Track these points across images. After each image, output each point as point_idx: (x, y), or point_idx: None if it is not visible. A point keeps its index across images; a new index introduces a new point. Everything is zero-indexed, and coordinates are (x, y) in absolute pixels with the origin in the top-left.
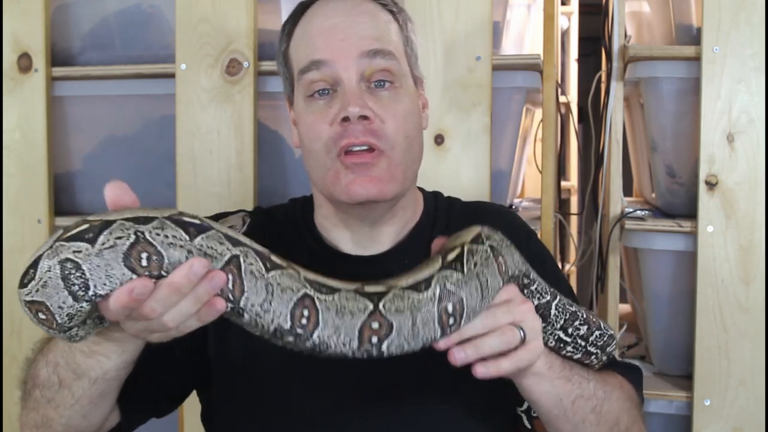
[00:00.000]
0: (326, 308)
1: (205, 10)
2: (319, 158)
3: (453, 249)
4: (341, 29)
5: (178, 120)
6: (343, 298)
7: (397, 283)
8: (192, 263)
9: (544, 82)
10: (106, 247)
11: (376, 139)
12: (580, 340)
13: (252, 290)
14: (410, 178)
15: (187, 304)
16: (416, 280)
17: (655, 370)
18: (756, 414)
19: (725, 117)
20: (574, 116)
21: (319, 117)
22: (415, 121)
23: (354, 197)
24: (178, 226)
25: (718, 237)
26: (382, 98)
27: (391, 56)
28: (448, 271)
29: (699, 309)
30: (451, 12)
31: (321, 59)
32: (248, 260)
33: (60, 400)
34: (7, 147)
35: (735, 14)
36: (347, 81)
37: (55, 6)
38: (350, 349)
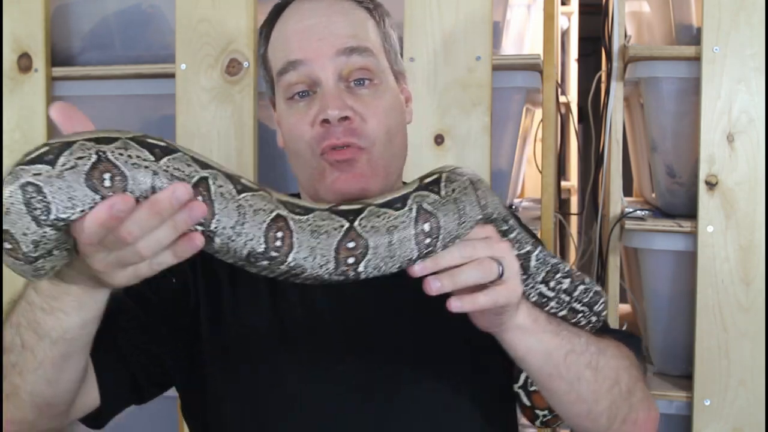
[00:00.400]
0: (300, 228)
1: (205, 10)
2: (304, 158)
3: (431, 174)
4: (317, 30)
5: (178, 120)
6: (317, 217)
7: (372, 201)
8: (176, 187)
9: (544, 82)
10: (66, 168)
11: (356, 138)
12: (564, 294)
13: (223, 213)
14: (393, 173)
15: (164, 231)
16: (392, 197)
17: (655, 370)
18: (756, 414)
19: (725, 117)
20: (574, 116)
21: (300, 119)
22: (396, 117)
23: (338, 193)
24: (142, 147)
25: (718, 237)
26: (362, 96)
27: (368, 53)
28: (425, 191)
29: (699, 309)
30: (451, 12)
31: (297, 59)
32: (218, 182)
33: (23, 364)
34: (7, 147)
35: (735, 14)
36: (325, 81)
37: (55, 6)
38: (326, 270)
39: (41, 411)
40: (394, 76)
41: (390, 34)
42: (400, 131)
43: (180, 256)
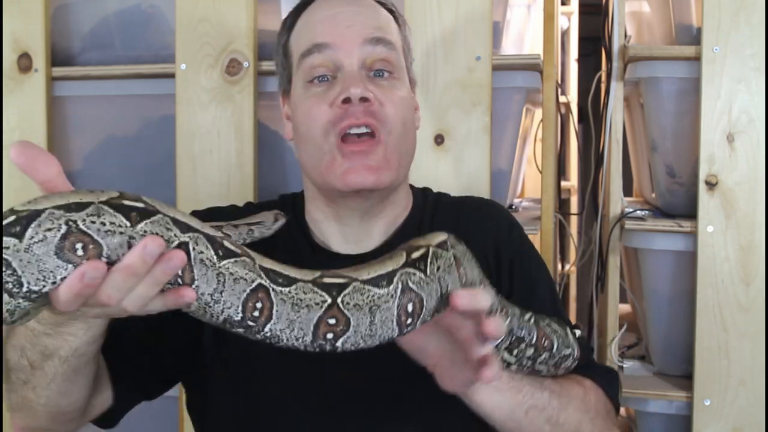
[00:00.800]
0: (281, 301)
1: (205, 10)
2: (315, 143)
3: (418, 248)
4: (346, 16)
5: (178, 120)
6: (300, 290)
7: (357, 275)
8: (145, 243)
9: (544, 82)
10: (35, 241)
11: (376, 120)
12: (526, 360)
13: (202, 279)
14: (404, 167)
15: (145, 287)
16: (378, 273)
17: (655, 370)
18: (756, 414)
19: (725, 117)
20: (574, 116)
21: (319, 99)
22: (409, 113)
23: (350, 185)
24: (117, 212)
25: (718, 237)
26: (381, 85)
27: (392, 46)
28: (412, 269)
29: (699, 309)
30: (451, 12)
31: (324, 42)
32: (198, 247)
33: (35, 381)
34: (7, 147)
35: (735, 14)
36: (348, 66)
37: (55, 6)
38: (302, 343)
39: (56, 418)
40: (409, 81)
41: (408, 40)
42: (411, 129)
43: (170, 306)
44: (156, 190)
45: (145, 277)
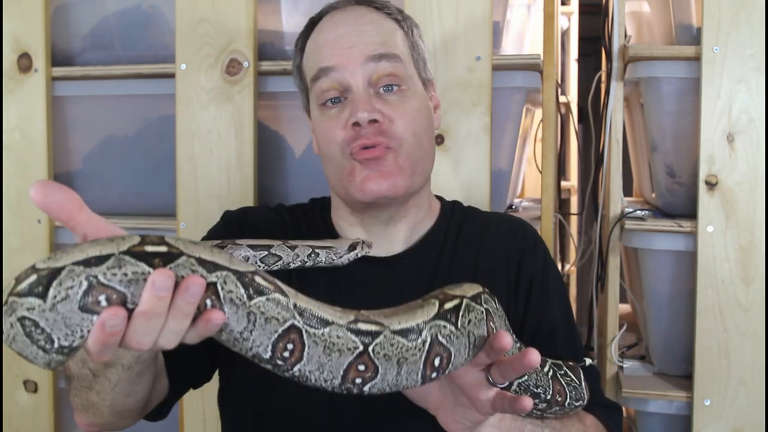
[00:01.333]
0: (314, 343)
1: (205, 10)
2: (336, 160)
3: (452, 299)
4: (347, 38)
5: (178, 120)
6: (334, 333)
7: (389, 323)
8: (153, 280)
9: (544, 82)
10: (58, 300)
11: (386, 138)
12: (537, 412)
13: (233, 318)
14: (420, 173)
15: (174, 322)
16: (408, 325)
17: (655, 370)
18: (756, 414)
19: (725, 117)
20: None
21: (332, 124)
22: (423, 121)
23: (368, 194)
24: (139, 260)
25: (718, 237)
26: (390, 102)
27: (396, 59)
28: (443, 321)
29: (699, 309)
30: (451, 12)
31: (329, 66)
32: (227, 287)
33: (99, 387)
34: (7, 147)
35: (735, 14)
36: (355, 87)
37: (55, 6)
38: (330, 385)
39: (121, 415)
40: (422, 84)
41: (418, 44)
42: (427, 135)
43: (204, 335)
44: (156, 190)
45: (170, 312)
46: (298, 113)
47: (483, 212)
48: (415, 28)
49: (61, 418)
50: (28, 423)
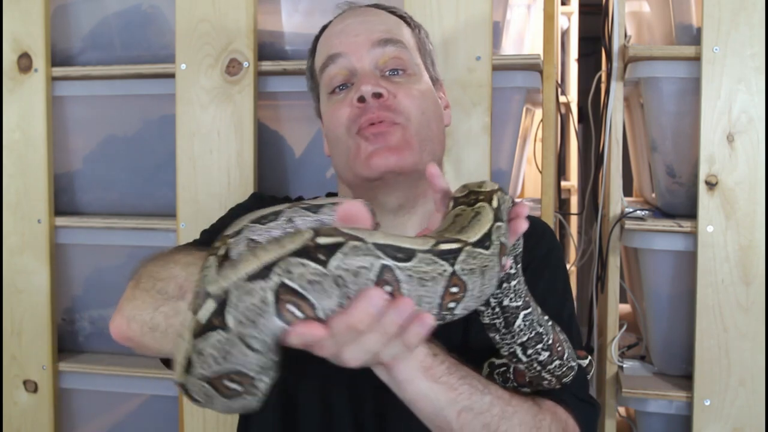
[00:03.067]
0: (408, 278)
1: (205, 10)
2: (341, 141)
3: (491, 196)
4: (354, 26)
5: (178, 120)
6: (422, 262)
7: (466, 237)
8: (367, 295)
9: (544, 82)
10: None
11: (390, 112)
12: (537, 364)
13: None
14: (429, 153)
15: (374, 339)
16: (483, 233)
17: (655, 370)
18: (756, 414)
19: (725, 117)
20: (574, 116)
21: (339, 104)
22: (431, 105)
23: (375, 168)
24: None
25: (718, 237)
26: (396, 82)
27: (401, 45)
28: (498, 222)
29: (699, 309)
30: (451, 12)
31: (336, 52)
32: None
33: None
34: (7, 147)
35: (735, 14)
36: (362, 70)
37: (55, 6)
38: None
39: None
40: (431, 79)
41: (425, 42)
42: (435, 119)
43: (413, 343)
44: (156, 190)
45: (374, 328)
46: (298, 113)
47: None
48: (422, 29)
49: (61, 418)
50: (28, 423)
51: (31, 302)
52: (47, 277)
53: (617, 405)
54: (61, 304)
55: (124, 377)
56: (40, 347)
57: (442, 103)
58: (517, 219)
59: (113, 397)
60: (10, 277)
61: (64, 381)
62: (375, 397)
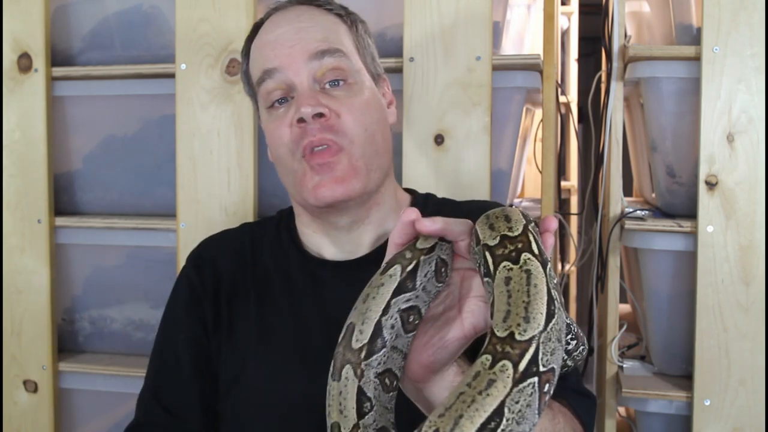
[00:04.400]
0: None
1: (205, 10)
2: (286, 163)
3: (527, 238)
4: (287, 37)
5: (178, 120)
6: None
7: (536, 331)
8: None
9: (544, 82)
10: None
11: (333, 134)
12: (565, 354)
13: None
14: (377, 170)
15: None
16: (546, 311)
17: (655, 370)
18: (756, 414)
19: (725, 117)
20: (574, 116)
21: (279, 123)
22: (374, 115)
23: (321, 200)
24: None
25: (718, 237)
26: (337, 96)
27: (339, 53)
28: (552, 274)
29: (699, 309)
30: (450, 12)
31: (272, 67)
32: None
33: None
34: (7, 147)
35: (735, 14)
36: (300, 85)
37: (55, 6)
38: None
39: None
40: (372, 78)
41: (364, 38)
42: (380, 129)
43: None
44: (156, 190)
45: None
46: None
47: (458, 202)
48: (360, 23)
49: (61, 418)
50: (28, 423)
51: (31, 302)
52: (47, 277)
53: (617, 405)
54: (61, 304)
55: (124, 377)
56: (40, 347)
57: (386, 101)
58: (546, 233)
59: (113, 397)
60: (10, 277)
61: (64, 381)
62: None
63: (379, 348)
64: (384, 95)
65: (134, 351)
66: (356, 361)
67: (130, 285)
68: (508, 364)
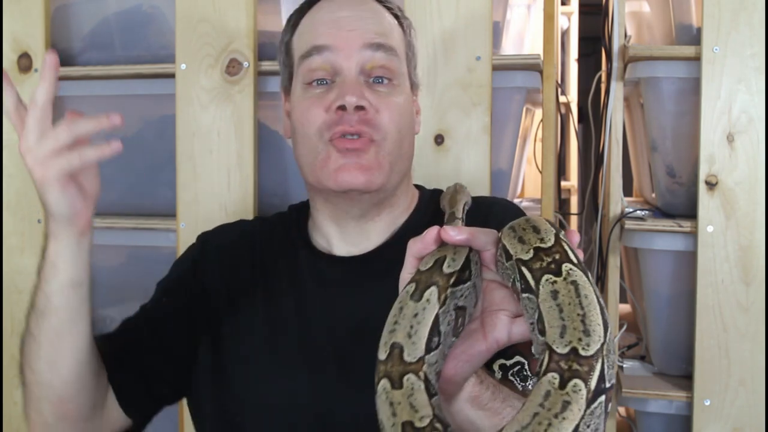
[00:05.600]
0: None
1: (205, 10)
2: (311, 143)
3: (563, 249)
4: (348, 21)
5: (178, 120)
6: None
7: (599, 347)
8: None
9: (544, 82)
10: None
11: (369, 128)
12: None
13: None
14: (398, 172)
15: None
16: (602, 324)
17: (655, 370)
18: (756, 414)
19: (725, 117)
20: (574, 116)
21: (316, 102)
22: (407, 120)
23: (341, 184)
24: None
25: (718, 237)
26: (379, 92)
27: (392, 53)
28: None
29: (699, 309)
30: (450, 12)
31: (324, 44)
32: None
33: (29, 353)
34: (7, 147)
35: (735, 14)
36: (347, 71)
37: (55, 6)
38: None
39: (56, 411)
40: (410, 85)
41: (413, 45)
42: (408, 135)
43: None
44: (156, 190)
45: None
46: None
47: None
48: (412, 29)
49: None
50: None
51: None
52: None
53: (617, 405)
54: None
55: None
56: None
57: (415, 109)
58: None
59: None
60: (10, 277)
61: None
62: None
63: (465, 279)
64: (414, 103)
65: None
66: (444, 285)
67: (130, 285)
68: (580, 383)
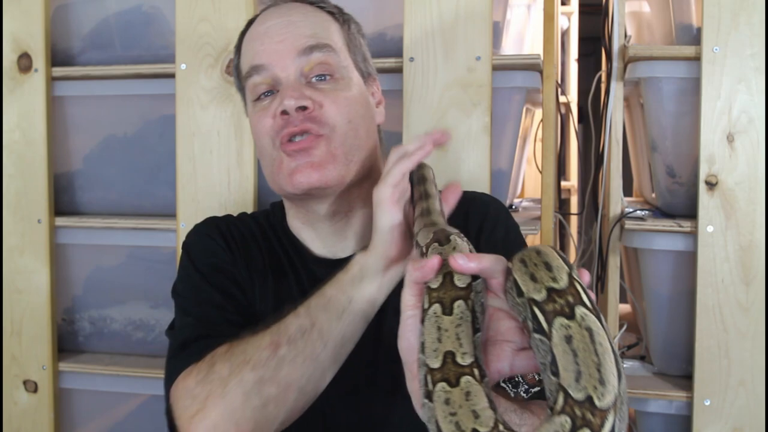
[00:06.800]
0: None
1: (205, 10)
2: (267, 153)
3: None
4: (276, 30)
5: (178, 120)
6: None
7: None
8: None
9: (544, 82)
10: None
11: (314, 124)
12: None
13: None
14: (357, 163)
15: None
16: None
17: (655, 370)
18: (756, 414)
19: (725, 117)
20: (574, 116)
21: (263, 113)
22: (359, 110)
23: (297, 186)
24: None
25: (718, 237)
26: (322, 89)
27: (327, 48)
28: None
29: (699, 309)
30: (450, 12)
31: (259, 63)
32: None
33: (306, 348)
34: (7, 147)
35: (735, 14)
36: (286, 79)
37: (55, 6)
38: None
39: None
40: (361, 77)
41: (356, 37)
42: (364, 125)
43: None
44: (156, 190)
45: None
46: None
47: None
48: (353, 23)
49: (61, 418)
50: (28, 423)
51: (31, 302)
52: (47, 277)
53: None
54: (61, 304)
55: (124, 377)
56: (40, 347)
57: (375, 100)
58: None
59: (113, 397)
60: (10, 277)
61: (64, 381)
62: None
63: (476, 279)
64: (373, 95)
65: (134, 351)
66: (465, 295)
67: (130, 285)
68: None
